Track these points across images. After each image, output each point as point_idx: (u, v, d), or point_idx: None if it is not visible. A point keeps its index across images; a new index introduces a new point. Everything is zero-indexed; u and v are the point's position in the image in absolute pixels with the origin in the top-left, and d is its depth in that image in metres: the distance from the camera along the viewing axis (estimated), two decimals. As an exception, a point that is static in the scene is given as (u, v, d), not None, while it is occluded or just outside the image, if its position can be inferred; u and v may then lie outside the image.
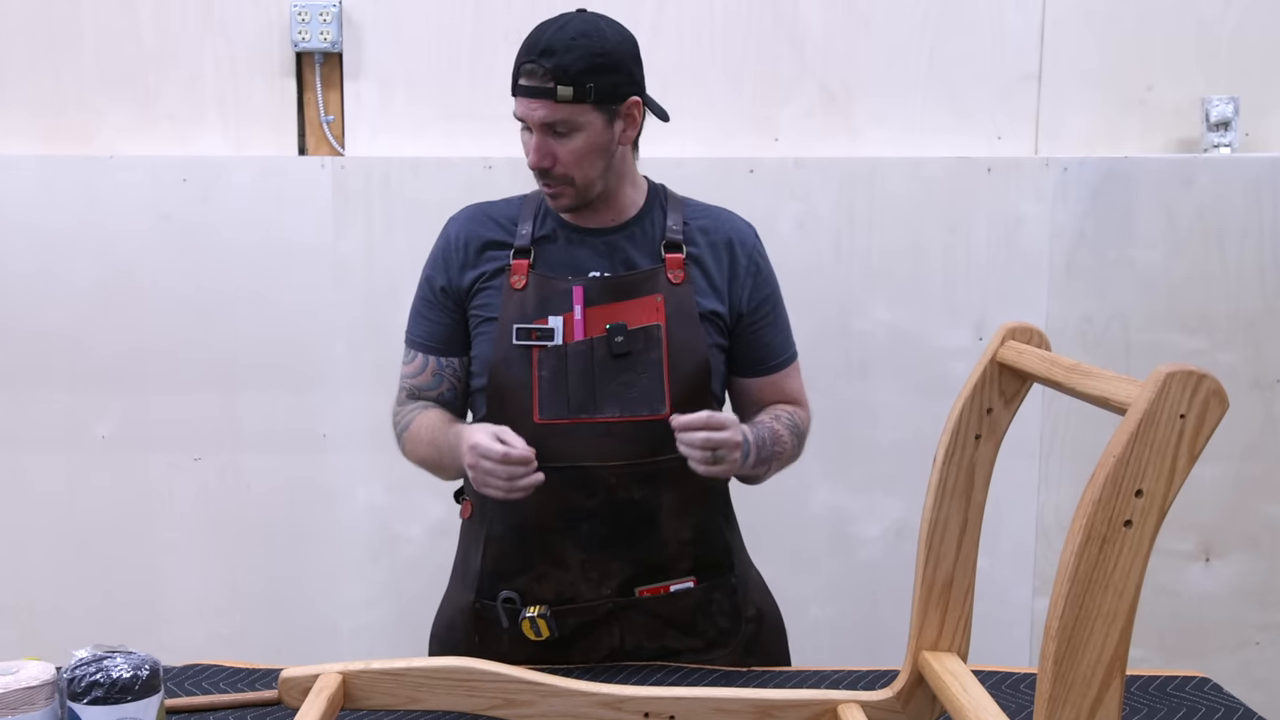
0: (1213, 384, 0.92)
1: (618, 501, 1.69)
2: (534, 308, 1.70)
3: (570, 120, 1.64)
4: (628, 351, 1.68)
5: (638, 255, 1.74)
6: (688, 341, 1.70)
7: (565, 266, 1.73)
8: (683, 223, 1.77)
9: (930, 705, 1.42)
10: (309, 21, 2.66)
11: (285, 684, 1.40)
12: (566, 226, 1.76)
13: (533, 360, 1.69)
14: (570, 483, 1.67)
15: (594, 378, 1.68)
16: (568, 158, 1.66)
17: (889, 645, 2.68)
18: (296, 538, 2.77)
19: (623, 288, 1.71)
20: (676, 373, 1.69)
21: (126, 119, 2.74)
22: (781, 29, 2.72)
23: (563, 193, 1.70)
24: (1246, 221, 2.67)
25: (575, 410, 1.68)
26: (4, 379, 2.72)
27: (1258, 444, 2.72)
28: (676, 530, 1.73)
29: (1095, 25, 2.71)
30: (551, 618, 1.71)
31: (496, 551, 1.75)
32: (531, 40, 1.67)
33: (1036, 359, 1.23)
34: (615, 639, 1.74)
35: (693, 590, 1.75)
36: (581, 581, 1.72)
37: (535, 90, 1.64)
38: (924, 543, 1.37)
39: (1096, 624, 0.93)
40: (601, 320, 1.69)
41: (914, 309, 2.71)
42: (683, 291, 1.72)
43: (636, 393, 1.68)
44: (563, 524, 1.70)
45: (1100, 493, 0.91)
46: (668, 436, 1.66)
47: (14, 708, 1.29)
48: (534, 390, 1.68)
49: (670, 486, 1.71)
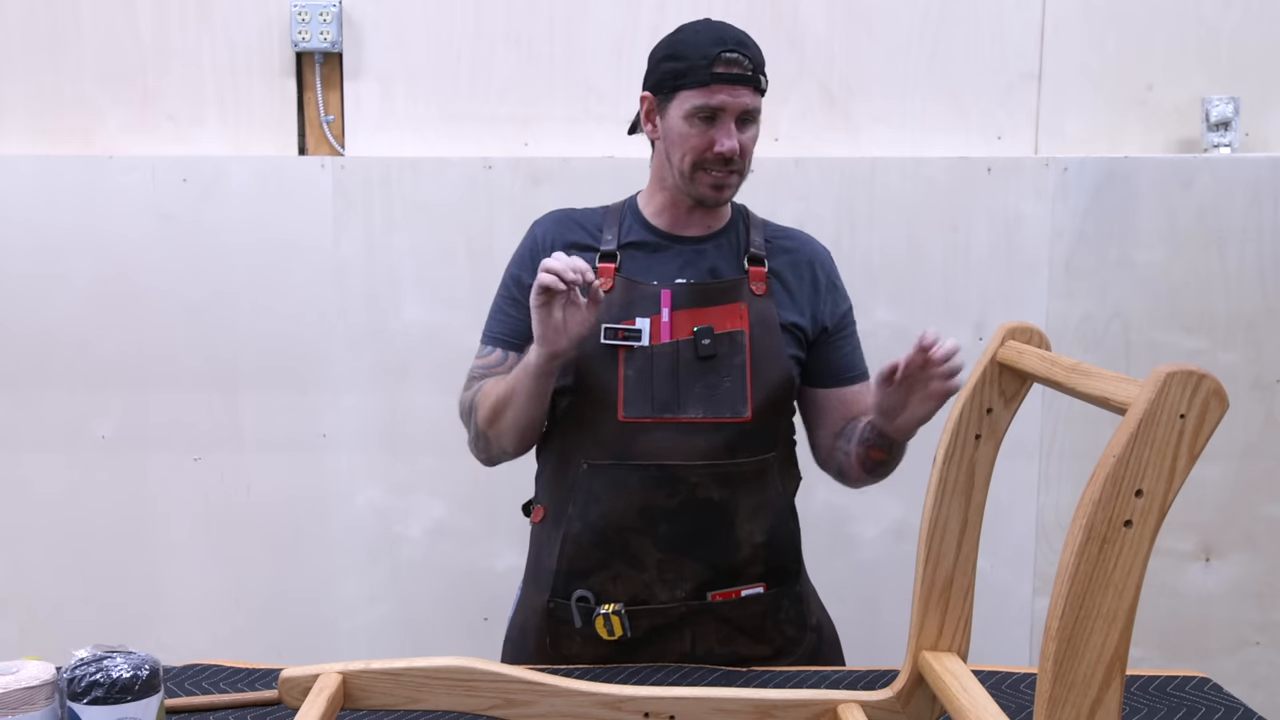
0: (1213, 384, 0.92)
1: (697, 501, 1.71)
2: (620, 309, 1.72)
3: (758, 110, 1.72)
4: (713, 354, 1.71)
5: (723, 265, 1.78)
6: (770, 349, 1.74)
7: (651, 272, 1.76)
8: (764, 240, 1.82)
9: (930, 705, 1.42)
10: (309, 21, 2.66)
11: (285, 684, 1.40)
12: (654, 233, 1.80)
13: (619, 360, 1.71)
14: (652, 481, 1.70)
15: (679, 378, 1.71)
16: (748, 147, 1.73)
17: (889, 645, 2.68)
18: (296, 538, 2.77)
19: (709, 294, 1.74)
20: (759, 378, 1.72)
21: (126, 119, 2.74)
22: (781, 29, 2.72)
23: (732, 184, 1.74)
24: (1246, 221, 2.67)
25: (659, 410, 1.70)
26: (4, 379, 2.72)
27: (1258, 444, 2.72)
28: (750, 533, 1.75)
29: (1095, 25, 2.71)
30: (625, 616, 1.72)
31: (573, 550, 1.75)
32: (716, 33, 1.70)
33: (1036, 359, 1.23)
34: (686, 643, 1.75)
35: (763, 596, 1.77)
36: (656, 583, 1.73)
37: (739, 78, 1.67)
38: (924, 543, 1.37)
39: (1096, 624, 0.93)
40: (688, 324, 1.72)
41: (914, 309, 2.71)
42: (765, 302, 1.76)
43: (721, 395, 1.71)
44: (642, 523, 1.71)
45: (1100, 493, 0.91)
46: (748, 439, 1.71)
47: (14, 708, 1.29)
48: (619, 389, 1.70)
49: (748, 490, 1.73)
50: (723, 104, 1.68)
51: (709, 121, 1.69)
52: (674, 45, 1.72)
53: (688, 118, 1.69)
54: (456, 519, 2.77)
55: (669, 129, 1.73)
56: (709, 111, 1.68)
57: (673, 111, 1.72)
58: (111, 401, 2.73)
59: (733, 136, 1.69)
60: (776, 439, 1.78)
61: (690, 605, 1.74)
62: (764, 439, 1.75)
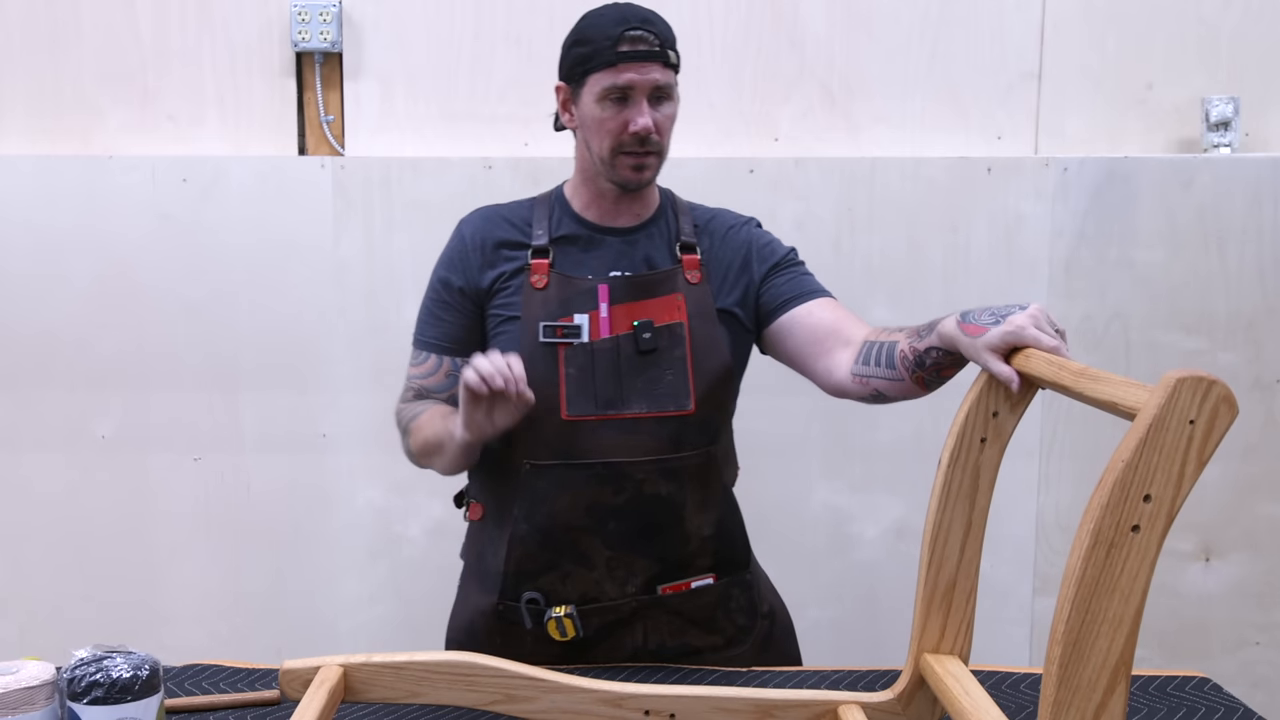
0: (1222, 390, 0.92)
1: (645, 497, 1.71)
2: (557, 306, 1.71)
3: (671, 86, 1.70)
4: (654, 348, 1.70)
5: (656, 255, 1.77)
6: (710, 339, 1.73)
7: (585, 266, 1.75)
8: (693, 225, 1.81)
9: (931, 707, 1.42)
10: (309, 21, 2.65)
11: (286, 676, 1.40)
12: (585, 225, 1.78)
13: (559, 358, 1.70)
14: (598, 479, 1.69)
15: (621, 374, 1.70)
16: (664, 124, 1.70)
17: (889, 645, 2.69)
18: (296, 538, 2.77)
19: (646, 286, 1.73)
20: (700, 369, 1.71)
21: (126, 119, 2.73)
22: (781, 29, 2.71)
23: (650, 164, 1.71)
24: (1246, 222, 2.67)
25: (603, 406, 1.69)
26: (4, 379, 2.72)
27: (1258, 444, 2.73)
28: (699, 526, 1.75)
29: (1095, 25, 2.71)
30: (578, 617, 1.72)
31: (520, 552, 1.74)
32: (618, 13, 1.68)
33: (1044, 363, 1.23)
34: (639, 638, 1.76)
35: (713, 586, 1.77)
36: (607, 580, 1.73)
37: (647, 54, 1.65)
38: (927, 546, 1.37)
39: (1103, 629, 0.93)
40: (626, 318, 1.71)
41: (914, 309, 2.70)
42: (701, 291, 1.75)
43: (663, 388, 1.70)
44: (590, 521, 1.71)
45: (1108, 498, 0.91)
46: (691, 431, 1.71)
47: (14, 708, 1.29)
48: (561, 388, 1.69)
49: (694, 482, 1.73)
50: (631, 82, 1.65)
51: (621, 102, 1.67)
52: (581, 30, 1.70)
53: (599, 101, 1.67)
54: (456, 519, 2.75)
55: (584, 116, 1.71)
56: (619, 92, 1.66)
57: (585, 97, 1.69)
58: (111, 401, 2.73)
59: (645, 114, 1.66)
60: (719, 430, 1.78)
61: (640, 600, 1.74)
62: (707, 430, 1.74)
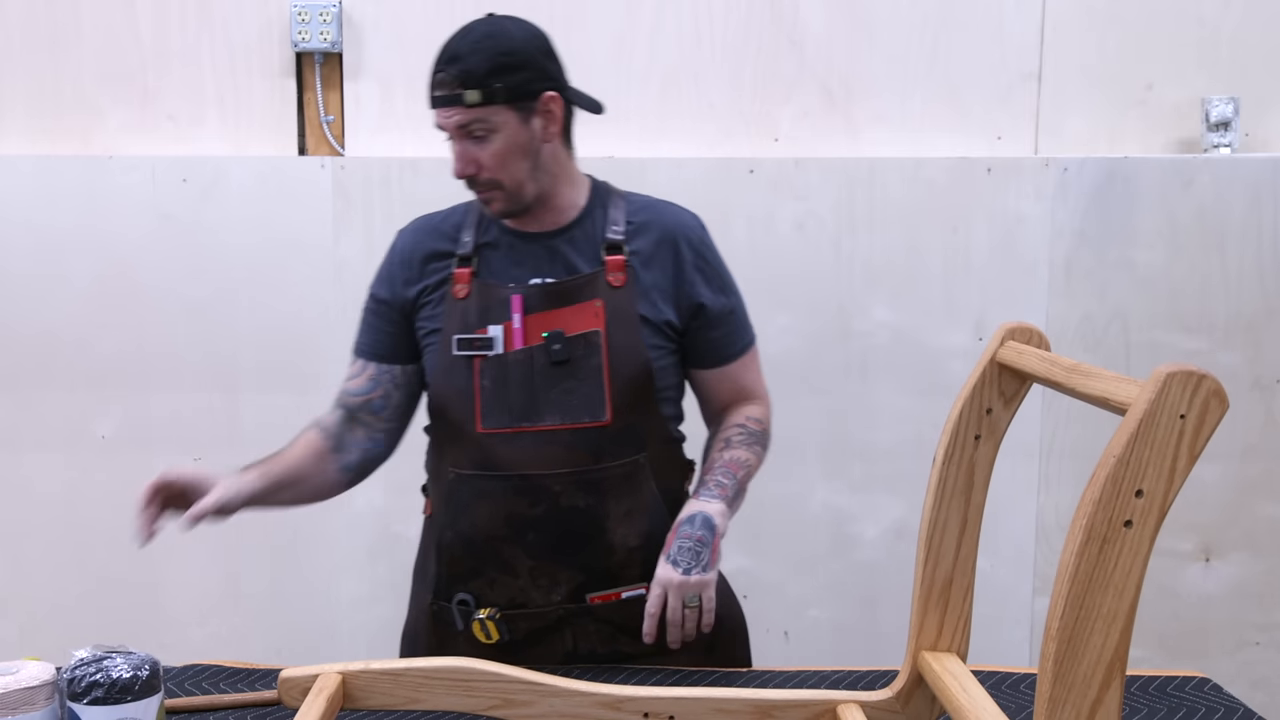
0: (1213, 384, 0.92)
1: (562, 509, 1.68)
2: (476, 317, 1.70)
3: (484, 122, 1.63)
4: (567, 359, 1.67)
5: (579, 259, 1.73)
6: (628, 347, 1.68)
7: (508, 274, 1.72)
8: (625, 221, 1.75)
9: (930, 705, 1.42)
10: (309, 21, 2.66)
11: (285, 684, 1.40)
12: (509, 233, 1.75)
13: (474, 370, 1.68)
14: (514, 491, 1.68)
15: (535, 386, 1.67)
16: (490, 161, 1.65)
17: (889, 645, 2.69)
18: (296, 538, 2.77)
19: (562, 294, 1.70)
20: (617, 378, 1.67)
21: (126, 119, 2.74)
22: (781, 29, 2.72)
23: (494, 197, 1.69)
24: (1246, 222, 2.67)
25: (517, 419, 1.67)
26: (4, 379, 2.72)
27: (1258, 444, 2.72)
28: (624, 537, 1.71)
29: (1095, 25, 2.71)
30: (501, 621, 1.71)
31: (449, 556, 1.74)
32: (442, 50, 1.67)
33: (1036, 359, 1.23)
34: (568, 643, 1.74)
35: (644, 596, 1.72)
36: (531, 588, 1.71)
37: (446, 98, 1.64)
38: (923, 543, 1.37)
39: (1096, 624, 0.93)
40: (540, 328, 1.68)
41: (914, 309, 2.71)
42: (623, 295, 1.70)
43: (578, 400, 1.67)
44: (510, 532, 1.69)
45: (1100, 493, 0.91)
46: (611, 442, 1.68)
47: (14, 708, 1.29)
48: (476, 400, 1.68)
49: (616, 494, 1.70)
50: (441, 124, 1.66)
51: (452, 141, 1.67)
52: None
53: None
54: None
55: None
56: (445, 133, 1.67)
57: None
58: (112, 401, 2.73)
59: (460, 157, 1.65)
60: (644, 439, 1.72)
61: (568, 608, 1.72)
62: (630, 440, 1.70)
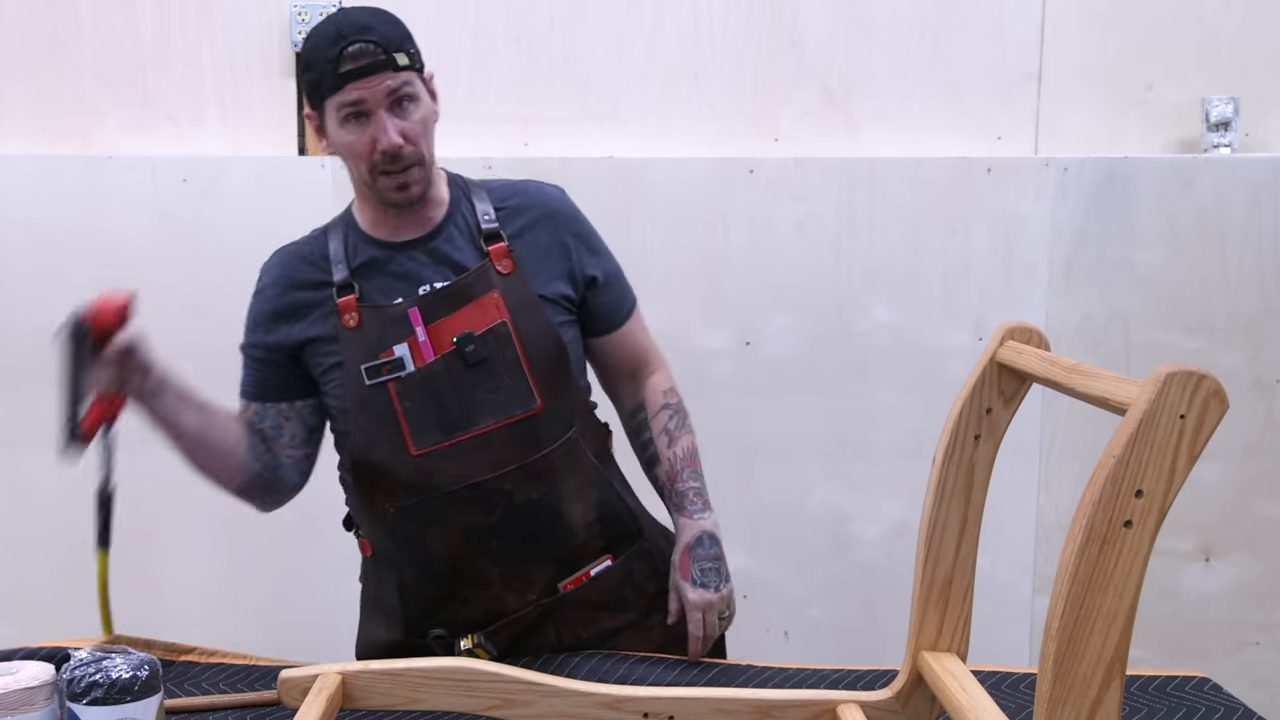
0: (1213, 384, 0.92)
1: (518, 506, 1.65)
2: (376, 341, 1.64)
3: (411, 86, 1.59)
4: (483, 358, 1.63)
5: (460, 255, 1.68)
6: (537, 330, 1.66)
7: (393, 290, 1.67)
8: (493, 207, 1.72)
9: (929, 705, 1.42)
10: (309, 21, 2.66)
11: (284, 684, 1.40)
12: (379, 246, 1.69)
13: (391, 395, 1.63)
14: (468, 503, 1.64)
15: (459, 393, 1.63)
16: (415, 131, 1.60)
17: (889, 645, 2.68)
18: (297, 537, 2.77)
19: (457, 295, 1.65)
20: (536, 363, 1.65)
21: (126, 119, 2.74)
22: (781, 29, 2.72)
23: (415, 178, 1.63)
24: (1246, 222, 2.67)
25: (450, 431, 1.63)
26: (4, 379, 2.72)
27: (1258, 444, 2.72)
28: (581, 515, 1.70)
29: (1095, 25, 2.71)
30: (488, 641, 1.69)
31: (414, 594, 1.71)
32: (335, 30, 1.58)
33: (1036, 359, 1.23)
34: (552, 638, 1.73)
35: (612, 568, 1.73)
36: (506, 593, 1.69)
37: (371, 66, 1.56)
38: (923, 543, 1.37)
39: (1096, 624, 0.93)
40: (447, 334, 1.63)
41: (914, 309, 2.71)
42: (516, 280, 1.67)
43: (505, 395, 1.64)
44: (472, 546, 1.66)
45: (1100, 493, 0.91)
46: (546, 426, 1.66)
47: (14, 708, 1.29)
48: (402, 424, 1.63)
49: (563, 475, 1.68)
50: (360, 98, 1.56)
51: (361, 121, 1.58)
52: (306, 54, 1.61)
53: (341, 124, 1.59)
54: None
55: (334, 141, 1.63)
56: (354, 110, 1.57)
57: (329, 122, 1.62)
58: (111, 401, 2.73)
59: (388, 129, 1.57)
60: (572, 414, 1.70)
61: (545, 603, 1.71)
62: (560, 420, 1.68)
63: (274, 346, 1.73)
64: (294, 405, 1.75)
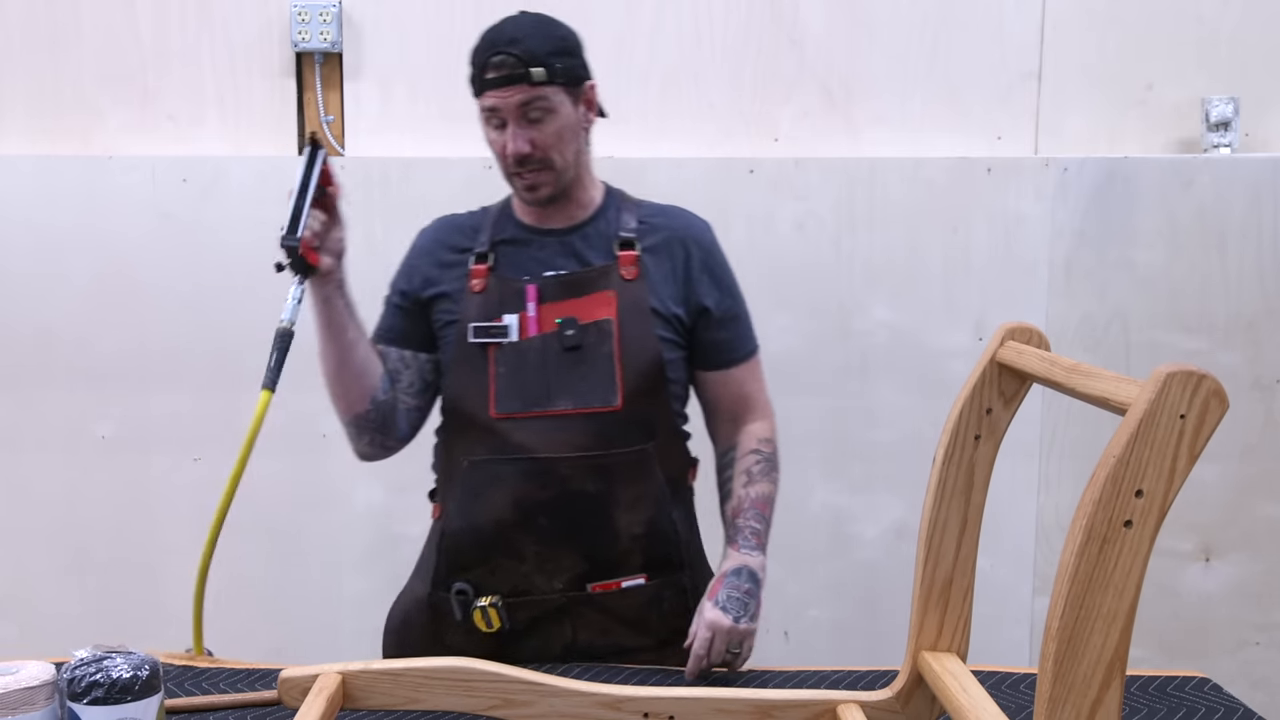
0: (1213, 384, 0.92)
1: (571, 494, 1.71)
2: (493, 308, 1.75)
3: (545, 100, 1.69)
4: (579, 345, 1.72)
5: (592, 253, 1.78)
6: (639, 336, 1.73)
7: (523, 267, 1.78)
8: (637, 221, 1.81)
9: (930, 705, 1.42)
10: (309, 21, 2.66)
11: (285, 684, 1.40)
12: (525, 229, 1.81)
13: (489, 358, 1.73)
14: (526, 474, 1.71)
15: (548, 372, 1.72)
16: (546, 141, 1.70)
17: (889, 645, 2.68)
18: (297, 538, 2.77)
19: (576, 284, 1.75)
20: (628, 366, 1.72)
21: (126, 119, 2.74)
22: (781, 29, 2.72)
23: (543, 181, 1.73)
24: (1246, 222, 2.67)
25: (530, 404, 1.72)
26: (4, 379, 2.72)
27: (1258, 444, 2.72)
28: (629, 524, 1.74)
29: (1095, 25, 2.71)
30: (503, 608, 1.74)
31: (453, 545, 1.77)
32: (491, 37, 1.71)
33: (1036, 359, 1.23)
34: (567, 634, 1.76)
35: (644, 587, 1.77)
36: (536, 574, 1.74)
37: (509, 77, 1.67)
38: (923, 543, 1.37)
39: (1096, 624, 0.93)
40: (555, 317, 1.74)
41: (914, 309, 2.71)
42: (635, 288, 1.75)
43: (589, 385, 1.71)
44: (519, 516, 1.72)
45: (1100, 493, 0.91)
46: (621, 428, 1.72)
47: (14, 708, 1.29)
48: (491, 386, 1.72)
49: (624, 480, 1.73)
50: (496, 106, 1.69)
51: (500, 126, 1.71)
52: (470, 54, 1.74)
53: (485, 124, 1.73)
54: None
55: (484, 136, 1.76)
56: (494, 116, 1.71)
57: (480, 118, 1.75)
58: (111, 401, 2.73)
59: (516, 137, 1.69)
60: (654, 427, 1.76)
61: (570, 596, 1.75)
62: (639, 428, 1.74)
63: (409, 294, 1.84)
64: (416, 355, 1.84)
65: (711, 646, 1.68)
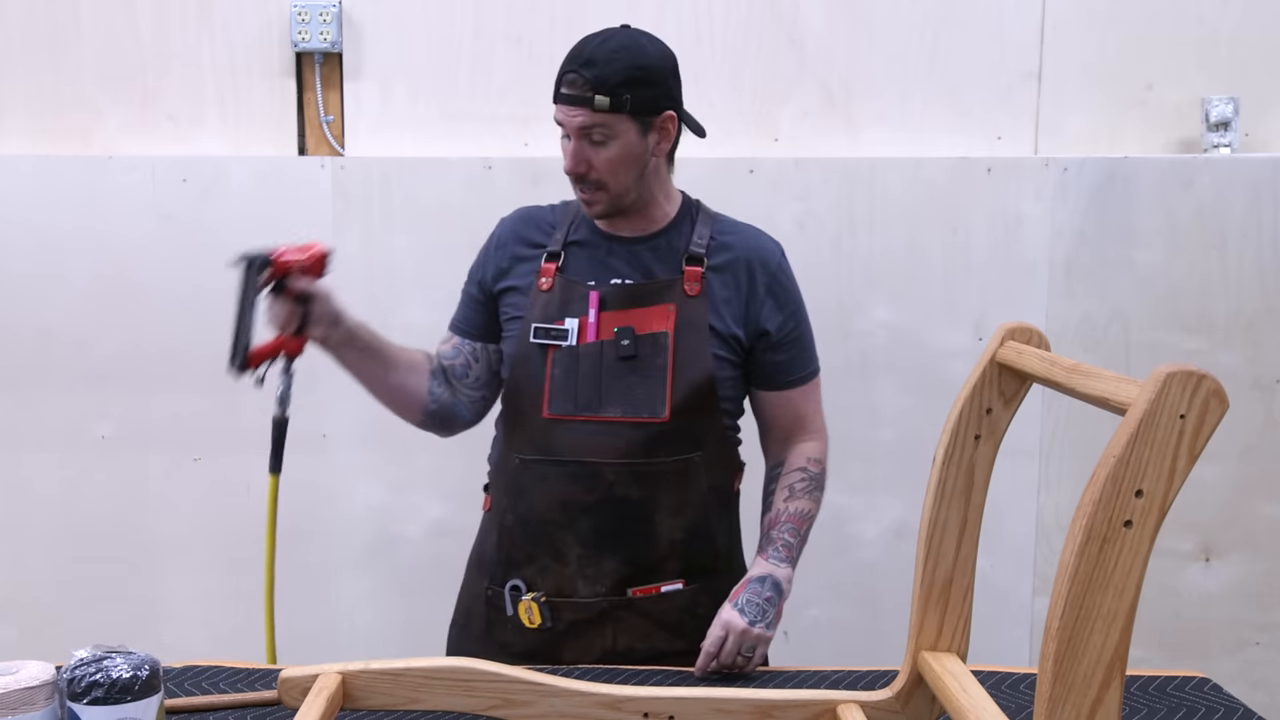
0: (1213, 384, 0.92)
1: (615, 499, 1.75)
2: (556, 309, 1.79)
3: (606, 128, 1.72)
4: (634, 355, 1.76)
5: (659, 266, 1.81)
6: (694, 351, 1.76)
7: (590, 272, 1.81)
8: (709, 237, 1.83)
9: (930, 705, 1.42)
10: (309, 21, 2.66)
11: (285, 684, 1.40)
12: (598, 233, 1.84)
13: (548, 359, 1.77)
14: (572, 477, 1.76)
15: (601, 378, 1.76)
16: (602, 165, 1.74)
17: (888, 645, 2.68)
18: (297, 538, 2.76)
19: (638, 295, 1.79)
20: (680, 379, 1.75)
21: (126, 119, 2.74)
22: (781, 29, 2.72)
23: (597, 199, 1.77)
24: (1246, 222, 2.67)
25: (581, 407, 1.76)
26: (4, 379, 2.72)
27: (1258, 444, 2.72)
28: (669, 530, 1.78)
29: (1095, 25, 2.71)
30: (545, 605, 1.77)
31: (508, 540, 1.82)
32: (575, 51, 1.75)
33: (1036, 359, 1.23)
34: (608, 639, 1.78)
35: (682, 592, 1.80)
36: (578, 577, 1.77)
37: (575, 98, 1.71)
38: (923, 543, 1.37)
39: (1096, 624, 0.93)
40: (614, 325, 1.77)
41: (914, 309, 2.71)
42: (696, 304, 1.78)
43: (640, 394, 1.75)
44: (564, 517, 1.77)
45: (1100, 493, 0.91)
46: (667, 439, 1.75)
47: (14, 708, 1.29)
48: (546, 386, 1.76)
49: (667, 488, 1.77)
50: (560, 121, 1.74)
51: (567, 138, 1.75)
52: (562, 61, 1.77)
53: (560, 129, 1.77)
54: (456, 519, 2.76)
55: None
56: (563, 130, 1.75)
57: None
58: (111, 401, 2.73)
59: (574, 156, 1.73)
60: (702, 439, 1.79)
61: (612, 601, 1.78)
62: (686, 439, 1.77)
63: (483, 285, 1.89)
64: (486, 348, 1.90)
65: (724, 646, 1.69)
